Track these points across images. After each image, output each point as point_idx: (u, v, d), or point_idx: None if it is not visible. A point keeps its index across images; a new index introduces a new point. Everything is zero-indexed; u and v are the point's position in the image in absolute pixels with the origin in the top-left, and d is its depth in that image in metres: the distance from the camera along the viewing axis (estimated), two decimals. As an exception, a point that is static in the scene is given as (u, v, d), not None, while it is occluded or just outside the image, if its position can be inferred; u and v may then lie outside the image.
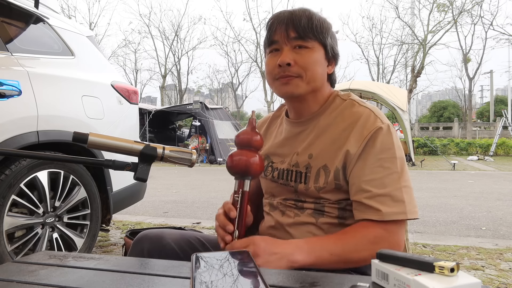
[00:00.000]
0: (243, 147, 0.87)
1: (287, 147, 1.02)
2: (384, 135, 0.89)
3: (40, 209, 2.07)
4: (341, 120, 0.94)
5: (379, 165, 0.88)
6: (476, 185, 6.81)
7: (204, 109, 12.29)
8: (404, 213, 0.85)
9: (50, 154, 0.86)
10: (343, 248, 0.84)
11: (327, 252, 0.83)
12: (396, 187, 0.86)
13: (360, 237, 0.86)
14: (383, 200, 0.86)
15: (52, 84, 2.21)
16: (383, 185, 0.86)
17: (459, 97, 31.65)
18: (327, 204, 0.94)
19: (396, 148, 0.90)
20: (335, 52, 0.98)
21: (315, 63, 0.93)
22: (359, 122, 0.91)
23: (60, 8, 2.98)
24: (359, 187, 0.88)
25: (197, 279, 0.53)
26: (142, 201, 3.05)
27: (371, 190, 0.86)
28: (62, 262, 0.71)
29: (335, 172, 0.91)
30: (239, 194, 0.87)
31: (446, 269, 0.48)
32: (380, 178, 0.87)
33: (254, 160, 0.85)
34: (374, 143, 0.88)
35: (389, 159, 0.88)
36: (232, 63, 32.57)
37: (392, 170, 0.87)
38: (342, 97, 0.99)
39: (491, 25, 23.82)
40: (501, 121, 15.59)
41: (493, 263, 2.54)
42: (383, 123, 0.90)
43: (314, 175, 0.93)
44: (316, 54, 0.93)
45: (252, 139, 0.87)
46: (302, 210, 0.97)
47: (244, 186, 0.87)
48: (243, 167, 0.85)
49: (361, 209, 0.88)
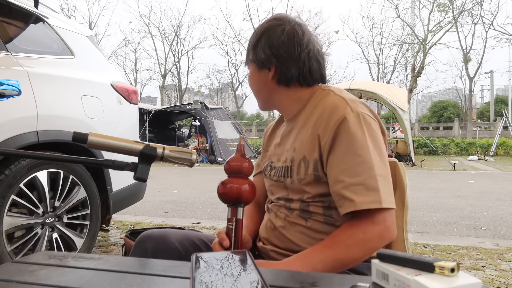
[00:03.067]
0: (234, 174, 0.89)
1: (281, 146, 1.06)
2: (353, 123, 0.88)
3: (40, 209, 2.07)
4: (317, 111, 0.96)
5: (351, 153, 0.87)
6: (477, 185, 6.81)
7: (204, 109, 12.29)
8: (378, 202, 0.84)
9: (50, 154, 0.86)
10: (335, 255, 0.83)
11: (320, 263, 0.82)
12: (369, 175, 0.85)
13: (348, 237, 0.85)
14: (356, 189, 0.85)
15: (51, 84, 2.21)
16: (356, 174, 0.86)
17: (459, 97, 31.66)
18: (311, 203, 0.94)
19: (368, 136, 0.88)
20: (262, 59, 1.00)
21: (251, 82, 1.06)
22: (328, 111, 0.92)
23: (59, 8, 2.97)
24: (335, 178, 0.88)
25: (197, 279, 0.52)
26: (142, 201, 3.04)
27: (344, 180, 0.86)
28: (62, 262, 0.71)
29: (314, 163, 0.92)
30: (233, 223, 0.87)
31: (447, 269, 0.48)
32: (352, 166, 0.86)
33: (245, 187, 0.86)
34: (343, 131, 0.88)
35: (360, 147, 0.87)
36: (232, 63, 32.57)
37: (364, 158, 0.86)
38: (323, 88, 1.01)
39: (492, 24, 23.88)
40: (502, 121, 15.57)
41: (494, 263, 2.54)
42: (353, 111, 0.89)
43: (296, 168, 0.95)
44: (251, 73, 1.05)
45: (242, 166, 0.89)
46: (291, 211, 0.97)
47: (237, 214, 0.87)
48: (235, 195, 0.86)
49: (339, 201, 0.88)
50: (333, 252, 0.84)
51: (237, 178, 0.88)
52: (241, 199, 0.86)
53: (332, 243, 0.86)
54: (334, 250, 0.84)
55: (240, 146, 0.91)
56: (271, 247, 1.00)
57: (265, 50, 0.99)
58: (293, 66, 0.98)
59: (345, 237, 0.85)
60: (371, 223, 0.84)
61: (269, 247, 1.00)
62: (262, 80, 1.02)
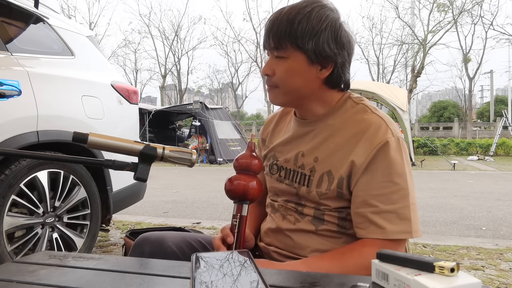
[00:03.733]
0: (242, 171, 0.88)
1: (292, 146, 0.99)
2: (394, 149, 0.84)
3: (40, 209, 2.07)
4: (351, 126, 0.89)
5: (388, 180, 0.83)
6: (476, 185, 6.81)
7: (204, 109, 12.28)
8: (409, 233, 0.82)
9: (50, 154, 0.86)
10: (341, 269, 0.81)
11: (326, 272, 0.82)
12: (404, 205, 0.83)
13: (357, 256, 0.83)
14: (388, 217, 0.82)
15: (52, 84, 2.21)
16: (391, 201, 0.83)
17: (459, 97, 31.67)
18: (327, 211, 0.91)
19: (405, 163, 0.85)
20: (325, 54, 0.86)
21: (291, 74, 0.88)
22: (368, 132, 0.86)
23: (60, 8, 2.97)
24: (365, 201, 0.84)
25: (197, 279, 0.52)
26: (142, 201, 3.04)
27: (377, 205, 0.83)
28: (62, 262, 0.71)
29: (339, 180, 0.87)
30: (237, 219, 0.87)
31: (446, 269, 0.48)
32: (388, 193, 0.83)
33: (252, 184, 0.86)
34: (384, 156, 0.84)
35: (399, 174, 0.84)
36: (232, 63, 32.67)
37: (401, 186, 0.83)
38: (354, 100, 0.94)
39: (491, 25, 23.89)
40: (501, 121, 15.57)
41: (493, 263, 2.54)
42: (394, 135, 0.85)
43: (317, 180, 0.90)
44: (293, 64, 0.87)
45: (251, 164, 0.88)
46: (302, 216, 0.94)
47: (242, 211, 0.87)
48: (242, 191, 0.86)
49: (363, 223, 0.85)
50: (341, 266, 0.82)
51: (245, 175, 0.87)
52: (247, 196, 0.86)
53: (342, 258, 0.84)
54: (342, 264, 0.82)
55: (251, 143, 0.91)
56: (273, 248, 0.99)
57: (331, 45, 0.86)
58: (347, 69, 0.91)
59: (357, 255, 0.83)
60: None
61: (272, 248, 0.99)
62: (309, 76, 0.88)
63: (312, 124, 0.96)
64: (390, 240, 0.82)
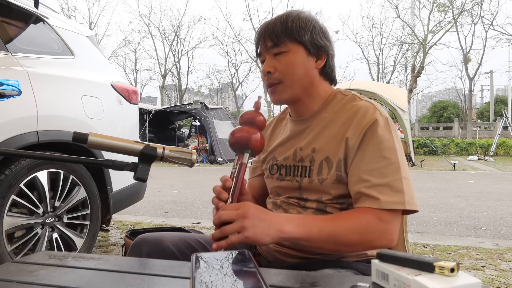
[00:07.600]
0: (246, 124, 0.89)
1: (290, 144, 1.03)
2: (382, 126, 0.90)
3: (40, 209, 2.07)
4: (343, 114, 0.95)
5: (379, 155, 0.88)
6: (476, 185, 6.81)
7: (204, 109, 12.29)
8: (402, 203, 0.85)
9: (50, 154, 0.86)
10: (334, 228, 0.84)
11: (317, 229, 0.83)
12: (395, 178, 0.87)
13: (352, 219, 0.86)
14: (382, 189, 0.86)
15: (52, 84, 2.21)
16: (383, 175, 0.87)
17: (459, 97, 31.66)
18: (329, 203, 0.94)
19: (395, 139, 0.90)
20: (319, 45, 0.96)
21: (293, 66, 0.95)
22: (358, 114, 0.92)
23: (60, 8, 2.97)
24: (359, 177, 0.88)
25: (197, 279, 0.52)
26: (142, 201, 3.05)
27: (370, 180, 0.87)
28: (62, 262, 0.71)
29: (337, 163, 0.92)
30: (237, 166, 0.87)
31: (446, 269, 0.48)
32: (380, 168, 0.87)
33: (255, 136, 0.86)
34: (373, 133, 0.89)
35: (389, 149, 0.88)
36: (232, 63, 32.53)
37: (392, 161, 0.88)
38: (343, 92, 1.01)
39: (491, 25, 23.84)
40: (501, 121, 15.57)
41: (493, 263, 2.54)
42: (382, 115, 0.91)
43: (317, 168, 0.95)
44: (294, 56, 0.95)
45: (255, 118, 0.89)
46: (304, 209, 0.97)
47: (243, 159, 0.87)
48: (244, 140, 0.86)
49: (359, 198, 0.88)
50: (334, 226, 0.84)
51: (248, 127, 0.88)
52: (249, 145, 0.86)
53: (336, 219, 0.87)
54: (335, 224, 0.85)
55: (257, 103, 0.92)
56: (274, 247, 0.99)
57: (322, 37, 0.97)
58: (333, 61, 1.01)
59: (351, 219, 0.86)
60: (378, 219, 0.85)
61: (273, 247, 0.99)
62: (308, 66, 0.97)
63: (307, 121, 1.01)
64: (385, 210, 0.85)
